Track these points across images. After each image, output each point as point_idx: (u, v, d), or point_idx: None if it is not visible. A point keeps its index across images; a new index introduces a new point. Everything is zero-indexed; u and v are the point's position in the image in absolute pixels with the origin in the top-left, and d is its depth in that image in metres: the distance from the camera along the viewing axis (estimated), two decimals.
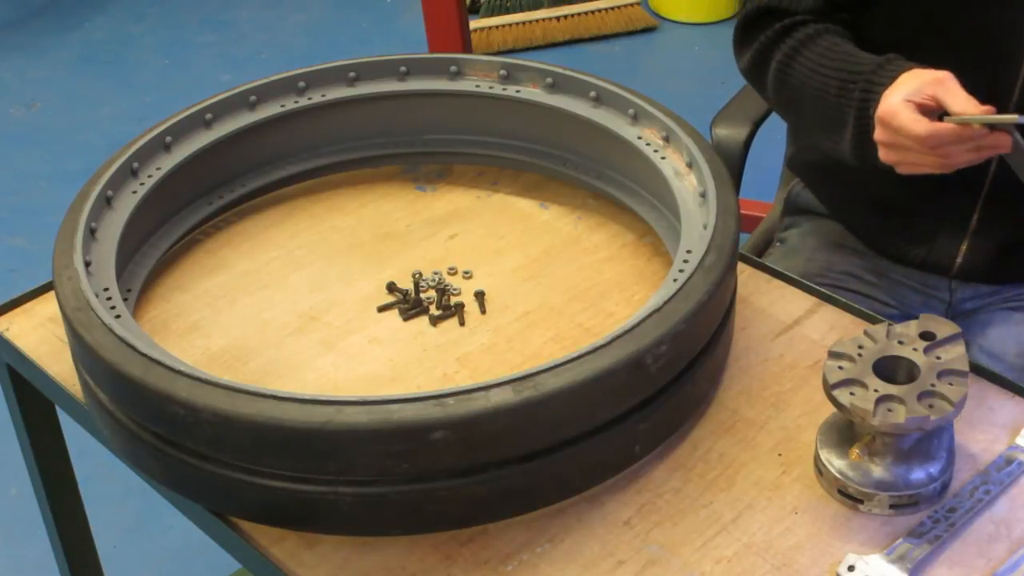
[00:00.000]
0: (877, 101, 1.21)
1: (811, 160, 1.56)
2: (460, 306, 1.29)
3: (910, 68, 1.22)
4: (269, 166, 1.46)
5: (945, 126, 1.15)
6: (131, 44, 3.83)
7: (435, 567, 1.04)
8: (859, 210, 1.50)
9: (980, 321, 1.45)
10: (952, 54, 1.25)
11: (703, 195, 1.24)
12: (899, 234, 1.47)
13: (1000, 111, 1.17)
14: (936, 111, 1.18)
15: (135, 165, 1.31)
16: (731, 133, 1.74)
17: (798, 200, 1.60)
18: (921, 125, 1.16)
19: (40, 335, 1.31)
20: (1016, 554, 1.02)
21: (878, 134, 1.21)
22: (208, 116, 1.38)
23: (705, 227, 1.19)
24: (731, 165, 1.71)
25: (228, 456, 1.03)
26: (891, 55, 1.25)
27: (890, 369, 1.07)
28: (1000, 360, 1.39)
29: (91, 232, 1.23)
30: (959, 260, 1.44)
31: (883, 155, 1.22)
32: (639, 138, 1.35)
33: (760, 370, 1.22)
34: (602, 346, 1.04)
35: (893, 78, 1.21)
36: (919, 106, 1.17)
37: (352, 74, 1.44)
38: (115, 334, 1.07)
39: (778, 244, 1.60)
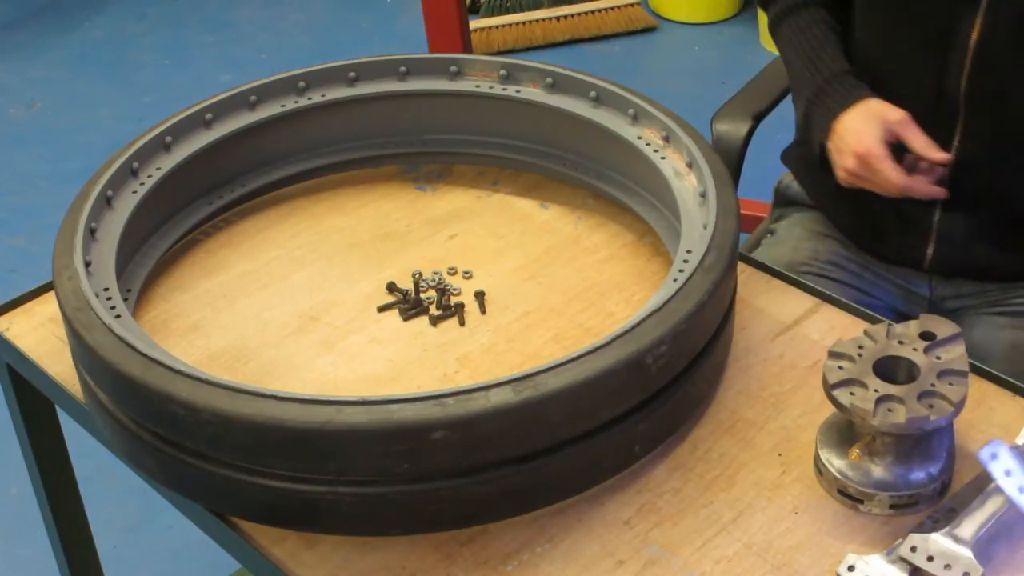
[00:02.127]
0: (833, 114, 1.40)
1: (799, 153, 1.58)
2: (460, 306, 1.29)
3: (864, 97, 1.39)
4: (269, 166, 1.46)
5: (919, 183, 1.37)
6: (131, 44, 3.83)
7: (435, 567, 1.04)
8: (839, 203, 1.54)
9: (965, 324, 1.46)
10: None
11: (703, 195, 1.24)
12: (871, 228, 1.51)
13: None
14: (897, 144, 1.37)
15: (135, 165, 1.31)
16: (731, 129, 1.75)
17: (787, 192, 1.63)
18: (900, 176, 1.36)
19: (40, 335, 1.31)
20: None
21: (852, 164, 1.38)
22: (208, 116, 1.38)
23: (705, 227, 1.19)
24: (731, 161, 1.72)
25: (228, 456, 1.03)
26: (847, 69, 1.43)
27: (890, 369, 1.07)
28: (984, 364, 1.39)
29: (91, 232, 1.23)
30: (930, 252, 1.47)
31: (843, 178, 1.42)
32: (639, 138, 1.35)
33: (760, 370, 1.22)
34: (602, 346, 1.04)
35: (849, 103, 1.39)
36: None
37: (352, 74, 1.44)
38: (115, 334, 1.07)
39: (768, 236, 1.62)
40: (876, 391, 1.03)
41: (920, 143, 1.36)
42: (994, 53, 1.34)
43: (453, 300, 1.30)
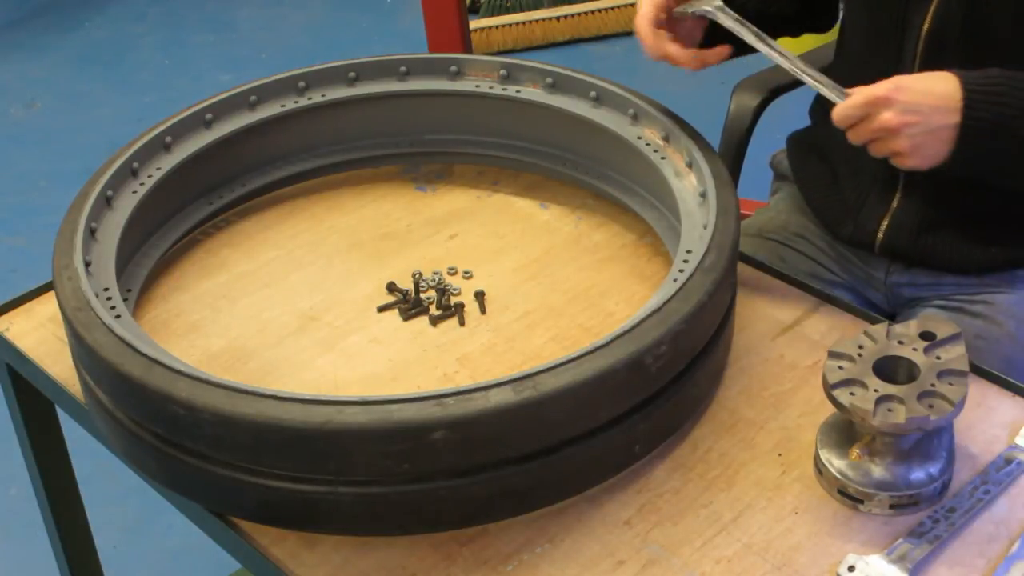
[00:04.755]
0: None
1: (797, 135, 1.63)
2: (460, 306, 1.29)
3: None
4: (269, 166, 1.46)
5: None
6: (131, 44, 3.83)
7: (435, 567, 1.04)
8: (812, 182, 1.56)
9: (918, 315, 1.47)
10: None
11: (703, 195, 1.24)
12: (835, 208, 1.53)
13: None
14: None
15: (135, 165, 1.31)
16: (747, 99, 1.80)
17: (779, 167, 1.68)
18: (644, 31, 1.33)
19: (40, 335, 1.31)
20: (1012, 548, 1.02)
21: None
22: (208, 116, 1.38)
23: (705, 227, 1.19)
24: (740, 130, 1.79)
25: (228, 456, 1.03)
26: None
27: (890, 369, 1.07)
28: None
29: (91, 232, 1.23)
30: (880, 236, 1.48)
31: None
32: (639, 138, 1.35)
33: (760, 370, 1.22)
34: (602, 346, 1.04)
35: None
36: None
37: (352, 74, 1.44)
38: (115, 334, 1.07)
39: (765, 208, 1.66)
40: (876, 391, 1.03)
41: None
42: (943, 43, 1.37)
43: (453, 300, 1.30)
